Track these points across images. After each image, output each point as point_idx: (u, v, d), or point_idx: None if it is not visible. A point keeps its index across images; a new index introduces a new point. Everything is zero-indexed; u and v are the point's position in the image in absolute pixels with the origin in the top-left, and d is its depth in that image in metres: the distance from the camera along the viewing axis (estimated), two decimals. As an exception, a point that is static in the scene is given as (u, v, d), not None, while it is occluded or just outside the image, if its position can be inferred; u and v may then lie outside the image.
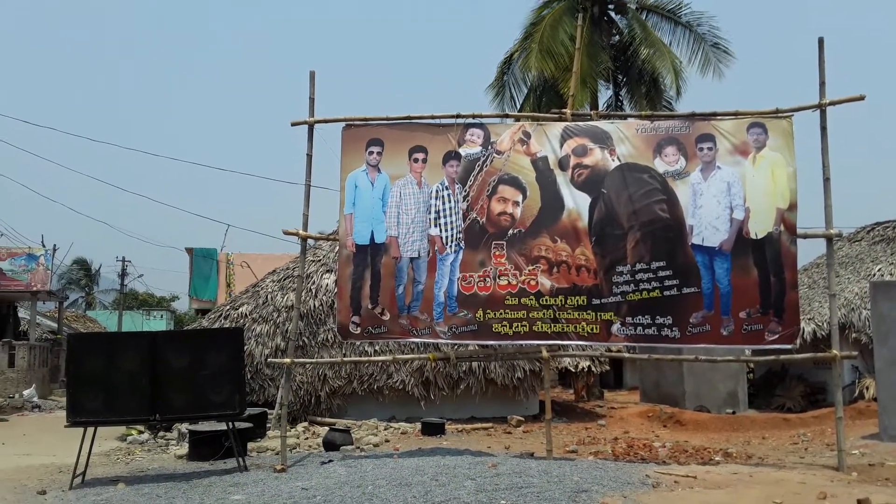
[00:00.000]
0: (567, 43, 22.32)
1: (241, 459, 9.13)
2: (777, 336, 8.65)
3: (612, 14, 25.74)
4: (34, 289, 27.15)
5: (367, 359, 13.98)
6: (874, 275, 19.38)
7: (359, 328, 9.37)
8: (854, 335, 17.55)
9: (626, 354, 12.81)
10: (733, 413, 17.28)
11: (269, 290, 16.74)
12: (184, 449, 11.27)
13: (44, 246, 28.41)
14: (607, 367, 22.52)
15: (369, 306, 9.31)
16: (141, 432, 13.68)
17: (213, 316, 17.09)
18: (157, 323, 51.60)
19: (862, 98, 8.78)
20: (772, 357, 9.58)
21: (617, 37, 25.87)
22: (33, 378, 25.17)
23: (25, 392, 23.44)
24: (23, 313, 32.23)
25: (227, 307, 17.07)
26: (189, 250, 30.99)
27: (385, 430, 13.88)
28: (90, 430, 8.80)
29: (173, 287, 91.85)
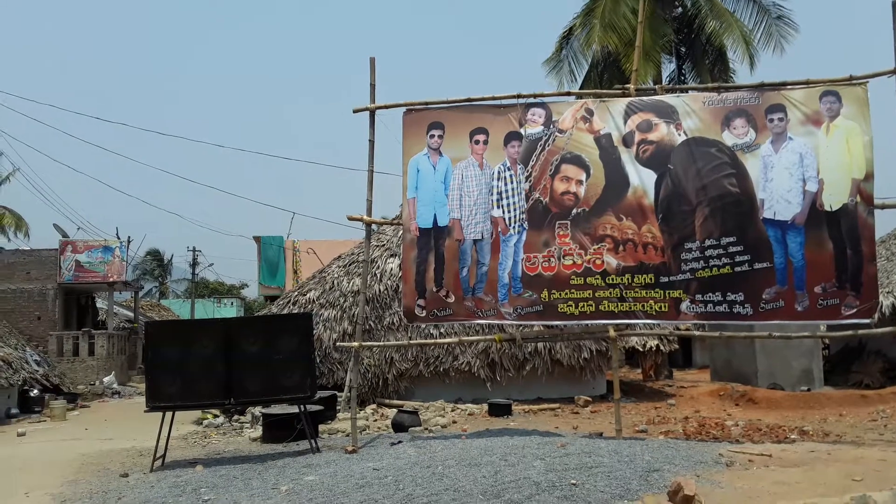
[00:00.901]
0: (629, 16, 21.94)
1: (313, 441, 9.32)
2: (854, 310, 8.38)
3: (674, -15, 25.08)
4: (111, 279, 28.09)
5: (432, 341, 14.09)
6: (957, 245, 18.58)
7: (424, 311, 9.42)
8: (937, 308, 16.89)
9: (696, 333, 12.58)
10: (808, 390, 16.83)
11: (335, 275, 16.97)
12: (257, 432, 11.57)
13: (119, 238, 29.34)
14: (676, 346, 22.23)
15: (434, 289, 9.35)
16: (216, 416, 14.08)
17: (281, 302, 17.43)
18: (228, 310, 52.86)
19: (940, 61, 8.38)
20: (849, 332, 9.29)
21: (679, 9, 25.24)
22: (112, 366, 26.13)
23: (105, 379, 24.39)
24: (100, 303, 33.43)
25: (295, 293, 17.37)
26: (257, 238, 31.59)
27: (452, 411, 13.98)
28: (168, 414, 9.11)
29: (242, 275, 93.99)
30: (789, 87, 8.82)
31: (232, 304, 55.63)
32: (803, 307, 8.49)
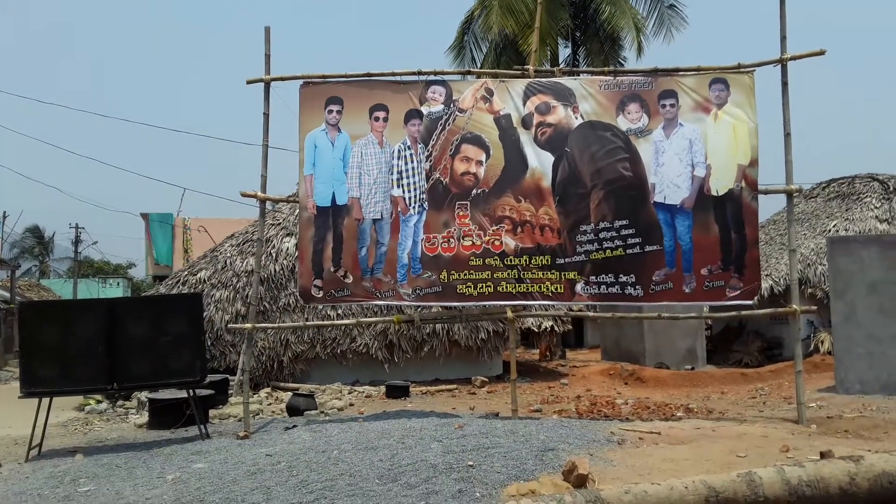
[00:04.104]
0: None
1: (202, 427, 9.00)
2: (738, 292, 8.73)
3: (572, -30, 25.45)
4: (-17, 257, 26.41)
5: (329, 323, 13.86)
6: (829, 231, 19.74)
7: (321, 292, 9.22)
8: (810, 290, 17.88)
9: (590, 313, 12.87)
10: (692, 369, 17.57)
11: (228, 254, 16.47)
12: (144, 418, 11.10)
13: (-8, 213, 27.56)
14: (569, 327, 22.75)
15: (331, 269, 9.16)
16: (99, 402, 13.45)
17: (170, 282, 16.78)
18: (114, 290, 50.72)
19: (822, 53, 8.77)
20: (732, 313, 9.66)
21: (577, -7, 25.63)
22: (-14, 349, 24.60)
23: (-22, 363, 22.90)
24: (-27, 283, 31.39)
25: (185, 273, 16.78)
26: (144, 216, 30.36)
27: (349, 393, 13.83)
28: (46, 400, 8.59)
29: (129, 254, 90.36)
30: (681, 73, 9.04)
31: (118, 284, 53.40)
32: (690, 289, 8.78)
